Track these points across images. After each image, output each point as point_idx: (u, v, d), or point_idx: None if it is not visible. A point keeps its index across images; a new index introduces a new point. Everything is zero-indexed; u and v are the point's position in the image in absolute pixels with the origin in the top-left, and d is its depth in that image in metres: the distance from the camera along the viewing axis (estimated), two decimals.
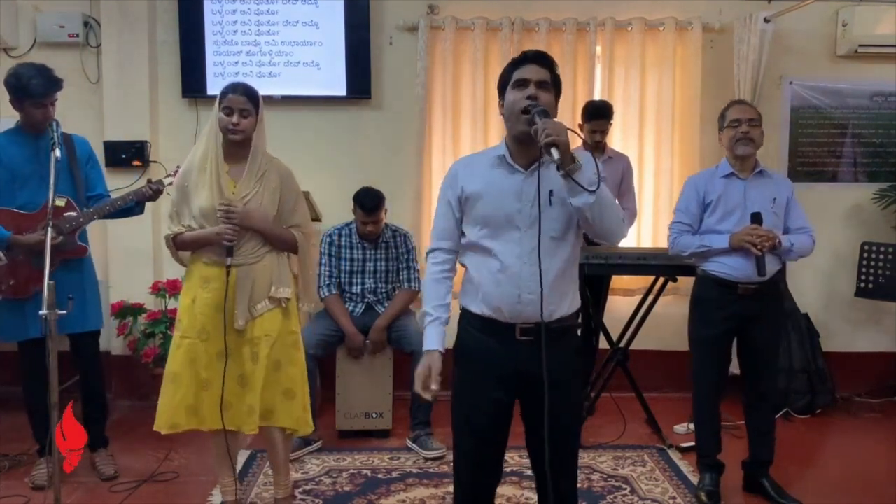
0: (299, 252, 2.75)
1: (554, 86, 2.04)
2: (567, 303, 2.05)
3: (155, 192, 3.13)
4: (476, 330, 2.08)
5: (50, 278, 2.99)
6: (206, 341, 2.63)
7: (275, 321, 2.68)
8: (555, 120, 1.91)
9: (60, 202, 3.06)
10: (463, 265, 2.14)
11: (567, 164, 1.86)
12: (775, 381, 3.20)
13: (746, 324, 3.01)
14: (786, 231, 3.01)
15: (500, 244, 2.01)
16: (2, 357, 3.94)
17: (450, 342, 2.09)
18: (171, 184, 2.99)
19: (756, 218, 2.91)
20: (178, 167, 2.90)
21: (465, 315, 2.12)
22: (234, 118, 2.59)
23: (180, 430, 2.66)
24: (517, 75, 2.01)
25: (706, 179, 3.08)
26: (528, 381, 2.00)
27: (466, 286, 2.11)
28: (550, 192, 1.98)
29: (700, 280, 3.13)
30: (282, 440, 2.81)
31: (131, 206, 3.19)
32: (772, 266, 2.95)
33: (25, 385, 3.16)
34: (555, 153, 1.83)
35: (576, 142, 4.34)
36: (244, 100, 2.60)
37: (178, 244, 2.67)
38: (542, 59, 2.03)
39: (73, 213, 3.09)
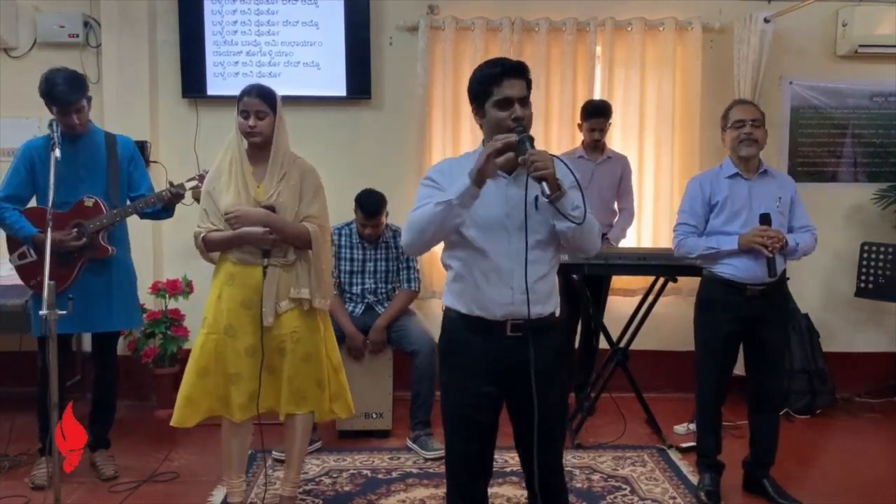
0: (313, 245, 2.76)
1: (528, 89, 2.06)
2: (553, 302, 2.13)
3: (175, 195, 3.13)
4: (462, 329, 2.11)
5: (76, 278, 3.07)
6: (232, 337, 2.69)
7: (298, 318, 2.74)
8: (542, 150, 1.94)
9: (89, 202, 3.10)
10: (448, 266, 2.15)
11: (553, 193, 1.91)
12: (781, 383, 3.18)
13: (754, 325, 2.98)
14: (790, 230, 3.00)
15: (492, 245, 2.05)
16: (2, 358, 3.94)
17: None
18: (193, 188, 3.04)
19: (765, 219, 2.89)
20: (205, 171, 2.94)
21: (450, 314, 2.15)
22: (251, 121, 2.64)
23: (214, 414, 2.72)
24: (500, 94, 2.01)
25: (711, 180, 3.04)
26: (517, 374, 2.04)
27: (453, 286, 2.13)
28: (536, 198, 2.01)
29: (706, 281, 3.09)
30: (302, 432, 2.85)
31: (158, 210, 3.21)
32: (779, 266, 2.94)
33: (41, 382, 3.14)
34: (545, 187, 1.89)
35: (575, 143, 4.34)
36: (258, 101, 2.65)
37: (206, 244, 2.72)
38: (518, 71, 2.04)
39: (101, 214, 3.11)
